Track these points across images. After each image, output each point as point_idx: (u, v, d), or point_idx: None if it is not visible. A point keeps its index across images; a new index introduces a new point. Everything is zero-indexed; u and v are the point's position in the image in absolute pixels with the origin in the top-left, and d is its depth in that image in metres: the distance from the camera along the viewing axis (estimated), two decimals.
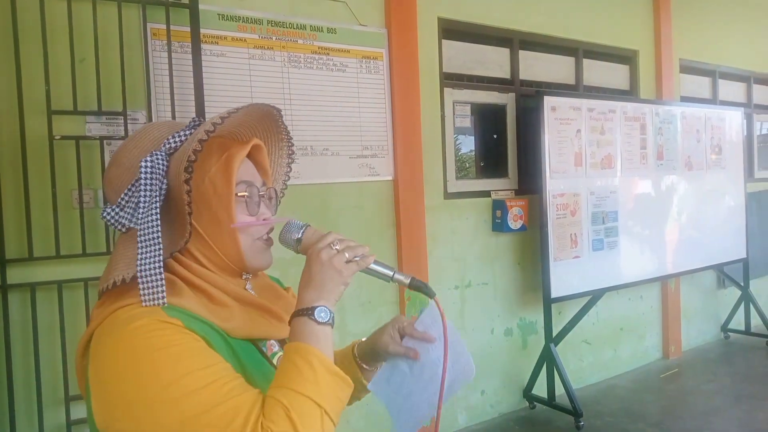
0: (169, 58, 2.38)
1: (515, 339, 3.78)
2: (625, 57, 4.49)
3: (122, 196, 0.84)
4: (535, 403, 3.73)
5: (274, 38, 2.79)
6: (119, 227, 0.85)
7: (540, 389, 3.68)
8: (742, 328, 5.07)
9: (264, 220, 0.92)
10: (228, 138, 0.93)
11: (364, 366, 1.11)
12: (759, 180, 5.61)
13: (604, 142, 3.83)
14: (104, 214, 0.85)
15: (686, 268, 4.42)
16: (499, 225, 3.60)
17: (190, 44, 2.44)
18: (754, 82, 5.68)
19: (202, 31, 2.48)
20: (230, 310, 0.85)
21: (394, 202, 3.20)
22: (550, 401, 3.63)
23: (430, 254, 3.32)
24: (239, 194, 0.88)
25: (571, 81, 4.15)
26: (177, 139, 0.87)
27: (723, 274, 5.04)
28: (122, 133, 2.33)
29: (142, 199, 0.82)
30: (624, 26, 4.40)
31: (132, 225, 0.83)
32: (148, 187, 0.82)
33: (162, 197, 0.83)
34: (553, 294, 3.51)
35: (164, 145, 0.86)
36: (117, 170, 0.88)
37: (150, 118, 2.40)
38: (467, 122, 3.65)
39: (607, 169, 3.86)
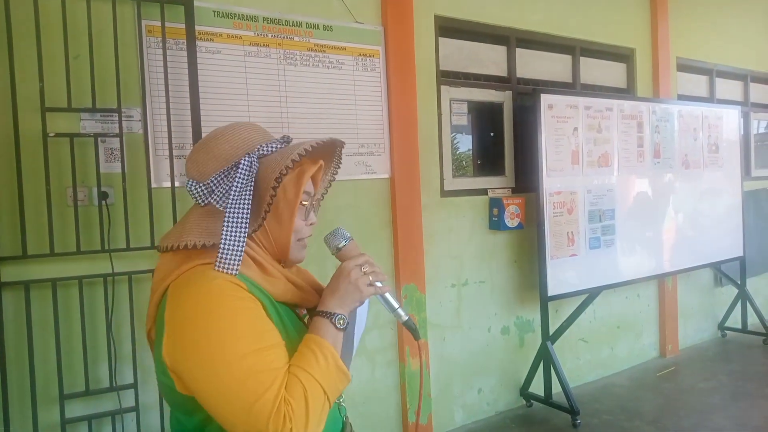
0: (164, 55, 2.37)
1: (512, 337, 3.77)
2: (622, 55, 4.49)
3: (211, 178, 1.02)
4: (532, 401, 3.73)
5: (269, 35, 2.78)
6: (201, 201, 1.04)
7: (537, 387, 3.68)
8: (739, 326, 5.08)
9: (311, 224, 1.13)
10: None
11: None
12: (756, 178, 5.62)
13: (601, 140, 3.83)
14: (190, 187, 1.04)
15: (683, 266, 4.42)
16: (495, 223, 3.60)
17: (184, 41, 2.43)
18: (750, 81, 5.68)
19: (197, 28, 2.48)
20: (277, 280, 1.05)
21: (390, 200, 3.19)
22: (547, 399, 3.63)
23: (427, 252, 3.31)
24: (303, 202, 1.08)
25: (568, 79, 4.15)
26: (268, 149, 1.05)
27: (720, 272, 5.05)
28: (116, 131, 2.32)
29: (235, 187, 0.99)
30: (621, 24, 4.40)
31: (218, 205, 1.02)
32: (243, 180, 1.00)
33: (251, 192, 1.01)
34: (550, 292, 3.51)
35: (258, 150, 1.04)
36: (206, 155, 1.05)
37: (145, 116, 2.39)
38: (464, 120, 3.64)
39: (604, 167, 3.85)
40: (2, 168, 2.19)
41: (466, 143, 3.77)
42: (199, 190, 1.03)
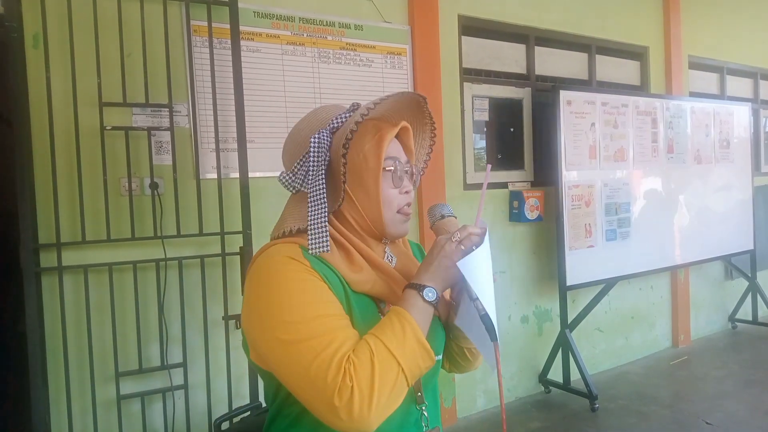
0: (211, 53, 2.50)
1: (531, 326, 3.90)
2: (636, 53, 4.61)
3: (294, 164, 1.03)
4: (551, 387, 3.86)
5: (305, 35, 2.92)
6: (291, 189, 1.05)
7: (554, 374, 3.81)
8: (750, 318, 5.20)
9: (406, 193, 1.06)
10: (382, 120, 1.07)
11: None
12: (765, 174, 5.73)
13: (617, 136, 3.96)
14: (280, 177, 1.05)
15: (695, 258, 4.54)
16: (516, 215, 3.73)
17: (228, 40, 2.56)
18: (760, 78, 5.79)
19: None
20: (360, 269, 1.01)
21: (416, 192, 3.31)
22: (566, 385, 3.75)
23: None
24: (387, 168, 1.03)
25: (584, 76, 4.27)
26: (339, 120, 1.03)
27: (731, 265, 5.16)
28: (167, 124, 2.46)
29: (311, 167, 1.00)
30: (635, 23, 4.52)
31: (302, 188, 1.03)
32: (316, 158, 1.00)
33: (325, 167, 1.01)
34: (568, 282, 3.63)
35: (330, 124, 1.03)
36: (292, 144, 1.07)
37: (192, 111, 2.53)
38: (485, 116, 3.76)
39: (620, 161, 3.98)
40: (63, 159, 2.32)
41: (486, 138, 3.89)
42: (287, 178, 1.03)
